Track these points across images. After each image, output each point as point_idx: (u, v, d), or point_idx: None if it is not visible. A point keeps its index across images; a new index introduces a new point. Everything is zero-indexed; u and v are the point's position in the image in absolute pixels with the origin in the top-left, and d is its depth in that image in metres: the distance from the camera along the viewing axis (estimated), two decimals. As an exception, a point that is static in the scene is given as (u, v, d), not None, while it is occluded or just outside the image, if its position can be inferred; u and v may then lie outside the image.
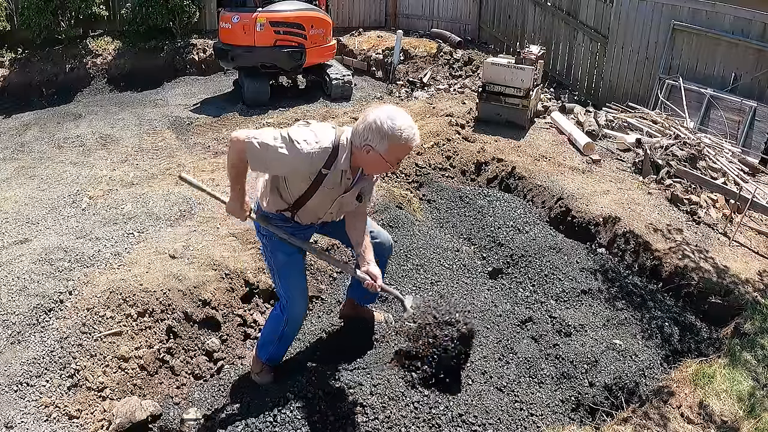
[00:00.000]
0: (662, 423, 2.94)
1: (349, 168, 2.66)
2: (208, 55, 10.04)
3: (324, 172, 2.62)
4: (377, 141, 2.51)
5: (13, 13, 9.55)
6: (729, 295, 4.04)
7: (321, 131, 2.62)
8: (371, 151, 2.54)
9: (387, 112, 2.53)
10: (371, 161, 2.60)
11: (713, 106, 7.05)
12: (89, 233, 4.43)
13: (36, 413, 2.90)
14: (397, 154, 2.58)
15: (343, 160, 2.61)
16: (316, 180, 2.65)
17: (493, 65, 6.88)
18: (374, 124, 2.50)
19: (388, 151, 2.53)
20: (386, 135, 2.49)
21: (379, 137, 2.50)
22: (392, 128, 2.49)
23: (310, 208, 2.83)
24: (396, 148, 2.53)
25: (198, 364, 3.46)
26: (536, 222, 4.98)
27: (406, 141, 2.53)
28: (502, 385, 3.28)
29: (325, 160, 2.59)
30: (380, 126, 2.49)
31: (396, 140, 2.50)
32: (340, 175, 2.67)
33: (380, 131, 2.49)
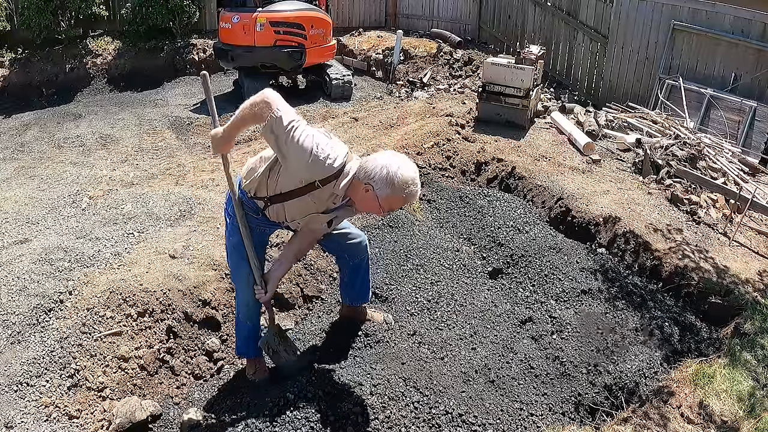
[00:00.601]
0: (662, 423, 2.94)
1: (342, 195, 2.67)
2: (208, 55, 10.04)
3: (317, 185, 2.63)
4: (381, 185, 2.53)
5: (13, 13, 9.55)
6: (729, 295, 4.04)
7: (337, 149, 2.61)
8: (370, 191, 2.56)
9: (399, 162, 2.56)
10: (365, 200, 2.62)
11: (713, 106, 7.05)
12: (89, 233, 4.43)
13: (36, 413, 2.90)
14: (392, 203, 2.60)
15: (342, 185, 2.62)
16: (307, 187, 2.65)
17: (493, 65, 6.88)
18: (385, 170, 2.52)
19: (386, 199, 2.56)
20: (391, 184, 2.52)
21: (384, 183, 2.52)
22: (401, 181, 2.52)
23: (284, 209, 2.82)
24: (395, 199, 2.56)
25: (198, 364, 3.46)
26: (536, 222, 4.98)
27: (407, 196, 2.56)
28: (502, 385, 3.28)
29: (325, 177, 2.59)
30: (390, 174, 2.51)
31: (399, 192, 2.53)
32: (329, 196, 2.67)
33: (388, 178, 2.52)
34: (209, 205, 4.76)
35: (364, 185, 2.57)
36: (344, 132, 6.89)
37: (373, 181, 2.54)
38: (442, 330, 3.69)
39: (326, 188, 2.63)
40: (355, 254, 3.27)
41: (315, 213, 2.78)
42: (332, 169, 2.57)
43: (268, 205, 2.84)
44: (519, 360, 3.48)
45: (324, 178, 2.59)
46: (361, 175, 2.58)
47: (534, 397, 3.24)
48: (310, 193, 2.66)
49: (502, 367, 3.42)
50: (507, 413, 3.10)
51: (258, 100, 2.59)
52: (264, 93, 2.60)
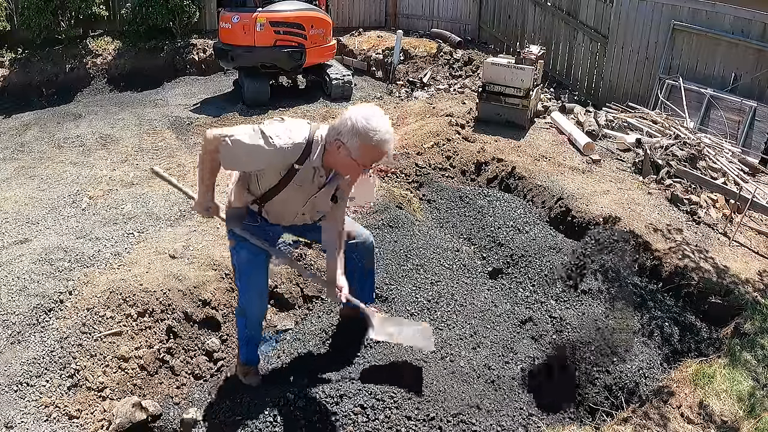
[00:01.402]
0: (662, 423, 2.94)
1: (321, 165, 2.59)
2: (208, 55, 10.04)
3: (296, 167, 2.56)
4: (348, 137, 2.43)
5: (13, 13, 9.55)
6: (729, 295, 4.04)
7: (295, 127, 2.56)
8: (341, 147, 2.46)
9: (364, 111, 2.46)
10: (341, 161, 2.52)
11: (713, 106, 7.05)
12: (89, 233, 4.43)
13: (36, 413, 2.90)
14: (366, 155, 2.48)
15: (315, 156, 2.55)
16: (287, 175, 2.60)
17: (493, 65, 6.88)
18: (349, 121, 2.43)
19: (359, 151, 2.44)
20: (358, 133, 2.41)
21: (351, 134, 2.42)
22: (366, 128, 2.40)
23: (278, 204, 2.77)
24: (366, 149, 2.44)
25: (198, 364, 3.46)
26: (536, 222, 4.98)
27: (377, 144, 2.43)
28: (503, 385, 3.28)
29: (298, 155, 2.53)
30: (354, 123, 2.42)
31: (367, 140, 2.41)
32: (312, 173, 2.61)
33: (353, 128, 2.42)
34: (209, 205, 4.76)
35: (334, 143, 2.48)
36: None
37: (341, 135, 2.45)
38: (442, 330, 3.69)
39: (305, 167, 2.57)
40: (362, 255, 3.23)
41: (313, 195, 2.71)
42: (299, 146, 2.51)
43: (262, 206, 2.80)
44: (519, 360, 3.48)
45: (297, 158, 2.53)
46: (331, 133, 2.51)
47: (534, 398, 3.24)
48: (293, 179, 2.61)
49: (503, 367, 3.42)
50: (507, 413, 3.10)
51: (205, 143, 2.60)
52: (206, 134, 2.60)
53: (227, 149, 2.52)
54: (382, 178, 5.37)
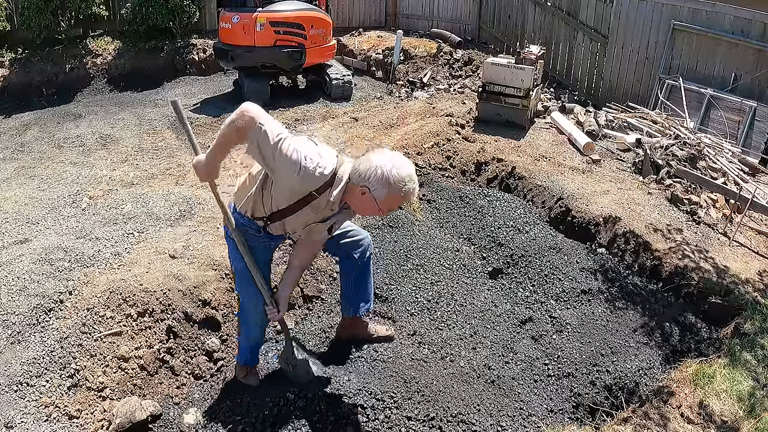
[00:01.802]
0: (662, 423, 2.94)
1: (338, 201, 2.58)
2: (208, 55, 10.04)
3: (315, 195, 2.55)
4: (377, 187, 2.46)
5: (13, 13, 9.55)
6: (729, 295, 4.04)
7: (326, 156, 2.53)
8: (367, 193, 2.49)
9: (393, 161, 2.48)
10: (362, 203, 2.55)
11: (713, 106, 7.05)
12: (89, 233, 4.43)
13: (36, 413, 2.90)
14: (391, 203, 2.54)
15: (336, 192, 2.54)
16: (303, 200, 2.59)
17: (493, 65, 6.88)
18: (378, 171, 2.45)
19: (384, 200, 2.49)
20: (387, 184, 2.45)
21: (380, 184, 2.45)
22: (396, 179, 2.45)
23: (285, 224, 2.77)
24: (393, 198, 2.50)
25: (198, 364, 3.46)
26: (536, 222, 4.98)
27: (405, 194, 2.50)
28: (502, 385, 3.28)
29: (319, 185, 2.52)
30: (384, 174, 2.44)
31: (396, 192, 2.47)
32: (325, 204, 2.59)
33: (383, 178, 2.44)
34: (209, 205, 4.76)
35: (360, 188, 2.50)
36: (344, 132, 6.89)
37: (369, 183, 2.47)
38: (442, 330, 3.69)
39: (322, 197, 2.56)
40: (363, 253, 3.20)
41: (314, 223, 2.72)
42: (324, 177, 2.50)
43: (268, 224, 2.78)
44: (519, 360, 3.48)
45: (317, 188, 2.52)
46: (356, 178, 2.51)
47: (534, 397, 3.24)
48: (309, 204, 2.59)
49: (503, 367, 3.42)
50: (507, 413, 3.10)
51: (239, 116, 2.48)
52: (244, 107, 2.49)
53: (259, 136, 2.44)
54: None
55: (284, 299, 2.96)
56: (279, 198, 2.65)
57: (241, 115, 2.47)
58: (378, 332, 3.48)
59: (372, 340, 3.45)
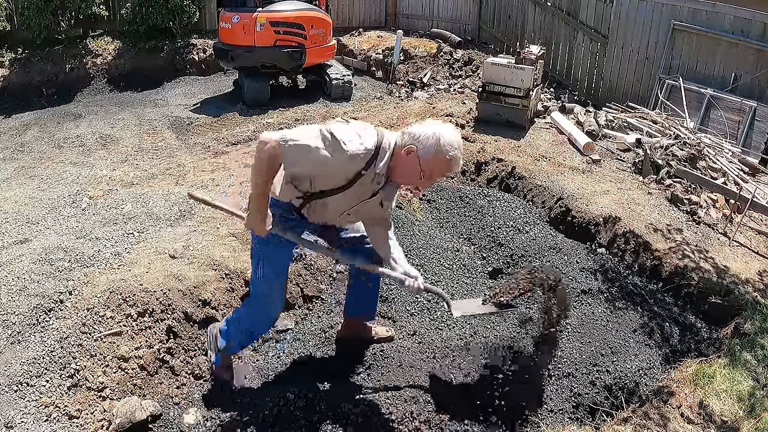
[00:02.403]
0: (662, 423, 2.94)
1: (385, 172, 2.55)
2: (208, 55, 10.04)
3: (363, 173, 2.52)
4: (425, 145, 2.46)
5: (13, 13, 9.55)
6: (729, 295, 4.04)
7: (364, 131, 2.52)
8: (412, 153, 2.48)
9: (444, 126, 2.51)
10: (407, 167, 2.52)
11: (713, 106, 7.05)
12: (89, 233, 4.43)
13: (36, 413, 2.90)
14: (435, 168, 2.51)
15: (383, 163, 2.51)
16: (352, 179, 2.54)
17: (493, 65, 6.88)
18: (429, 130, 2.47)
19: (430, 161, 2.47)
20: (436, 144, 2.45)
21: (428, 143, 2.45)
22: (446, 142, 2.46)
23: (327, 205, 2.69)
24: (438, 162, 2.48)
25: (198, 364, 3.45)
26: (536, 222, 4.98)
27: (451, 159, 2.49)
28: (503, 385, 3.28)
29: (366, 161, 2.49)
30: (435, 134, 2.46)
31: (443, 155, 2.46)
32: (372, 177, 2.55)
33: (433, 137, 2.45)
34: (209, 205, 4.76)
35: (406, 148, 2.48)
36: (344, 132, 6.88)
37: (418, 141, 2.46)
38: (442, 330, 3.69)
39: (369, 171, 2.52)
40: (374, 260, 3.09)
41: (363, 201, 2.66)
42: (370, 151, 2.48)
43: (307, 203, 2.71)
44: (519, 360, 3.48)
45: (365, 164, 2.49)
46: (405, 138, 2.50)
47: (534, 397, 3.24)
48: (357, 182, 2.55)
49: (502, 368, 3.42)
50: (507, 413, 3.10)
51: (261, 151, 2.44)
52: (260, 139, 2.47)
53: (292, 154, 2.42)
54: None
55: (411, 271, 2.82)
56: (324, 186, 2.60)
57: (263, 146, 2.44)
58: (378, 333, 3.48)
59: (373, 341, 3.45)
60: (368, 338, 3.44)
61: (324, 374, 3.20)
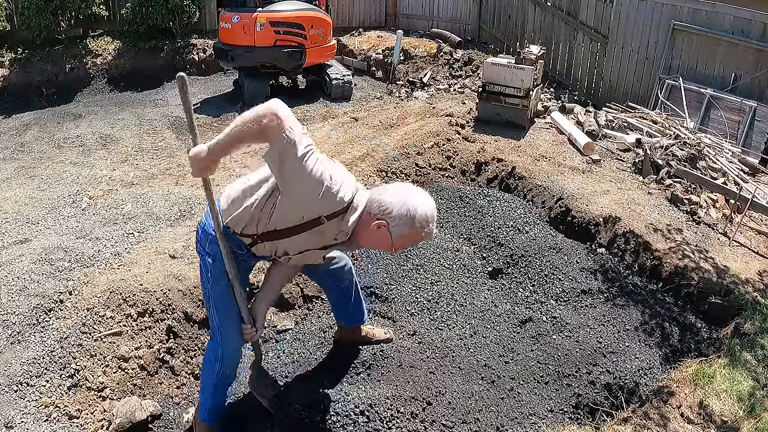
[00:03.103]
0: (662, 423, 2.94)
1: (350, 231, 2.32)
2: (208, 55, 10.05)
3: (322, 221, 2.28)
4: (399, 223, 2.25)
5: (13, 13, 9.55)
6: (729, 295, 4.04)
7: (347, 180, 2.30)
8: (384, 228, 2.27)
9: (419, 198, 2.29)
10: (375, 237, 2.31)
11: (713, 106, 7.05)
12: (89, 233, 4.43)
13: (36, 413, 2.90)
14: (406, 242, 2.33)
15: (351, 221, 2.29)
16: (309, 223, 2.30)
17: (493, 65, 6.88)
18: (404, 207, 2.25)
19: (402, 237, 2.29)
20: (411, 222, 2.25)
21: (403, 221, 2.25)
22: (421, 219, 2.26)
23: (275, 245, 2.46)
24: (411, 237, 2.30)
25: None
26: (536, 222, 4.98)
27: (425, 236, 2.32)
28: (502, 385, 3.28)
29: (332, 211, 2.26)
30: (410, 212, 2.25)
31: (417, 231, 2.28)
32: (332, 232, 2.33)
33: (407, 215, 2.25)
34: (209, 205, 4.76)
35: (377, 221, 2.27)
36: (344, 132, 6.89)
37: (390, 218, 2.26)
38: (442, 330, 3.69)
39: (332, 223, 2.29)
40: (341, 278, 2.98)
41: (312, 249, 2.45)
42: (342, 203, 2.25)
43: (257, 242, 2.47)
44: (519, 360, 3.48)
45: (331, 213, 2.26)
46: (375, 208, 2.28)
47: (534, 397, 3.24)
48: (313, 229, 2.31)
49: (503, 367, 3.42)
50: (507, 413, 3.10)
51: (264, 114, 2.16)
52: (272, 106, 2.18)
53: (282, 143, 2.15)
54: None
55: (261, 316, 2.68)
56: (281, 217, 2.35)
57: (268, 112, 2.17)
58: (377, 336, 3.44)
59: (371, 343, 3.44)
60: (366, 341, 3.41)
61: (324, 374, 3.19)
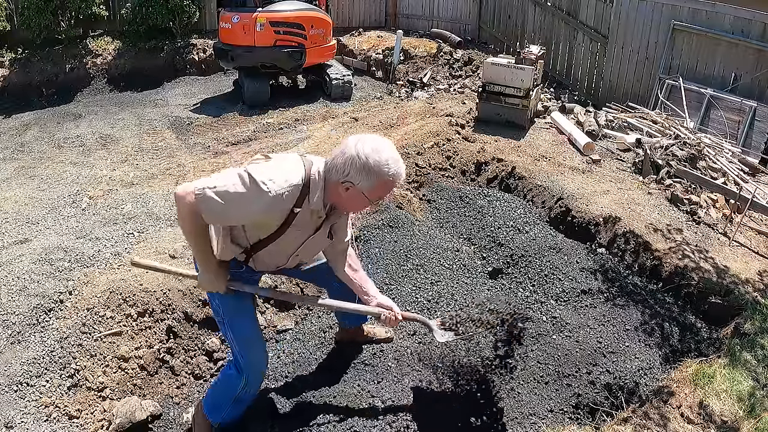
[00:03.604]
0: (662, 423, 2.94)
1: (322, 206, 2.31)
2: (208, 55, 10.04)
3: (295, 211, 2.27)
4: (361, 178, 2.18)
5: (13, 13, 9.55)
6: (729, 295, 4.04)
7: (288, 165, 2.26)
8: (351, 188, 2.22)
9: (371, 144, 2.20)
10: (349, 200, 2.27)
11: (713, 106, 7.05)
12: (89, 233, 4.43)
13: (36, 413, 2.90)
14: (381, 191, 2.27)
15: (316, 198, 2.27)
16: (285, 221, 2.30)
17: (493, 65, 6.88)
18: (358, 159, 2.17)
19: (373, 189, 2.22)
20: (370, 171, 2.17)
21: (363, 174, 2.18)
22: (378, 163, 2.17)
23: (271, 251, 2.46)
24: (381, 185, 2.23)
25: (198, 364, 3.46)
26: (536, 222, 4.98)
27: (393, 177, 2.22)
28: (502, 385, 3.28)
29: (296, 198, 2.24)
30: (365, 161, 2.16)
31: (382, 176, 2.19)
32: (310, 214, 2.32)
33: (365, 167, 2.17)
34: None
35: (342, 185, 2.23)
36: (344, 132, 6.89)
37: (351, 178, 2.20)
38: (442, 330, 3.68)
39: (303, 209, 2.29)
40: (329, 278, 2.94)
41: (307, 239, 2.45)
42: (297, 187, 2.23)
43: (251, 255, 2.49)
44: (519, 360, 3.48)
45: (295, 201, 2.25)
46: (334, 175, 2.23)
47: (534, 397, 3.24)
48: (292, 223, 2.31)
49: (502, 367, 3.42)
50: (507, 413, 3.10)
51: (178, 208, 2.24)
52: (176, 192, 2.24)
53: (209, 203, 2.16)
54: None
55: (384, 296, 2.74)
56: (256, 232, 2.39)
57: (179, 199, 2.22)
58: (377, 335, 3.46)
59: (372, 342, 3.45)
60: (367, 341, 3.42)
61: (324, 374, 3.19)
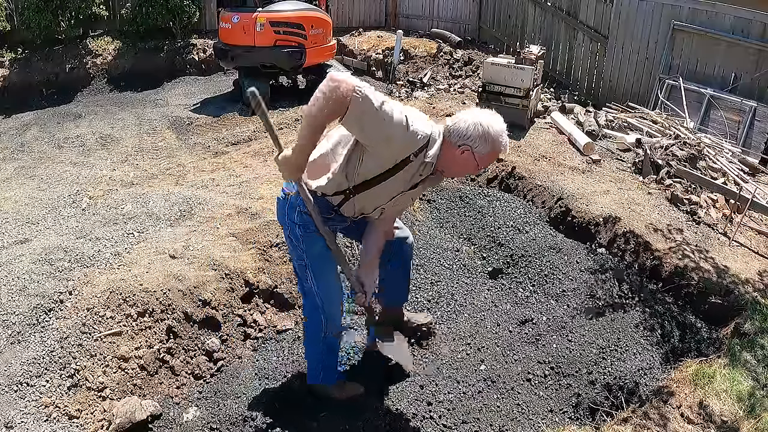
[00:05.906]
0: (662, 423, 2.94)
1: (434, 162, 2.52)
2: (208, 55, 10.05)
3: (411, 159, 2.48)
4: (479, 144, 2.46)
5: (13, 13, 9.56)
6: (729, 295, 4.04)
7: (422, 116, 2.52)
8: (467, 152, 2.48)
9: (489, 117, 2.50)
10: (461, 162, 2.52)
11: (713, 106, 7.05)
12: (89, 233, 4.43)
13: (36, 413, 2.90)
14: (489, 159, 2.56)
15: (432, 152, 2.49)
16: (400, 164, 2.49)
17: (493, 65, 6.88)
18: (480, 127, 2.45)
19: (486, 156, 2.51)
20: (489, 139, 2.46)
21: (482, 140, 2.46)
22: (498, 133, 2.47)
23: (369, 196, 2.62)
24: (493, 154, 2.53)
25: (198, 364, 3.46)
26: (536, 222, 4.98)
27: (503, 148, 2.54)
28: (502, 385, 3.28)
29: (419, 147, 2.46)
30: (486, 129, 2.45)
31: (497, 145, 2.49)
32: (417, 168, 2.52)
33: (486, 134, 2.46)
34: (209, 205, 4.76)
35: (459, 147, 2.48)
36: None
37: (471, 141, 2.46)
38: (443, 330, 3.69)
39: (416, 160, 2.49)
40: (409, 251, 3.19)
41: (402, 192, 2.63)
42: (425, 138, 2.46)
43: (351, 196, 2.63)
44: (519, 360, 3.48)
45: (417, 149, 2.46)
46: (455, 138, 2.48)
47: (534, 397, 3.24)
48: (402, 169, 2.51)
49: (502, 367, 3.42)
50: (507, 413, 3.10)
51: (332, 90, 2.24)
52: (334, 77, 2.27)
53: (363, 103, 2.25)
54: None
55: (370, 283, 2.83)
56: (371, 167, 2.53)
57: (334, 87, 2.24)
58: (418, 320, 3.52)
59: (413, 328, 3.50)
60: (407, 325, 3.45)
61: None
